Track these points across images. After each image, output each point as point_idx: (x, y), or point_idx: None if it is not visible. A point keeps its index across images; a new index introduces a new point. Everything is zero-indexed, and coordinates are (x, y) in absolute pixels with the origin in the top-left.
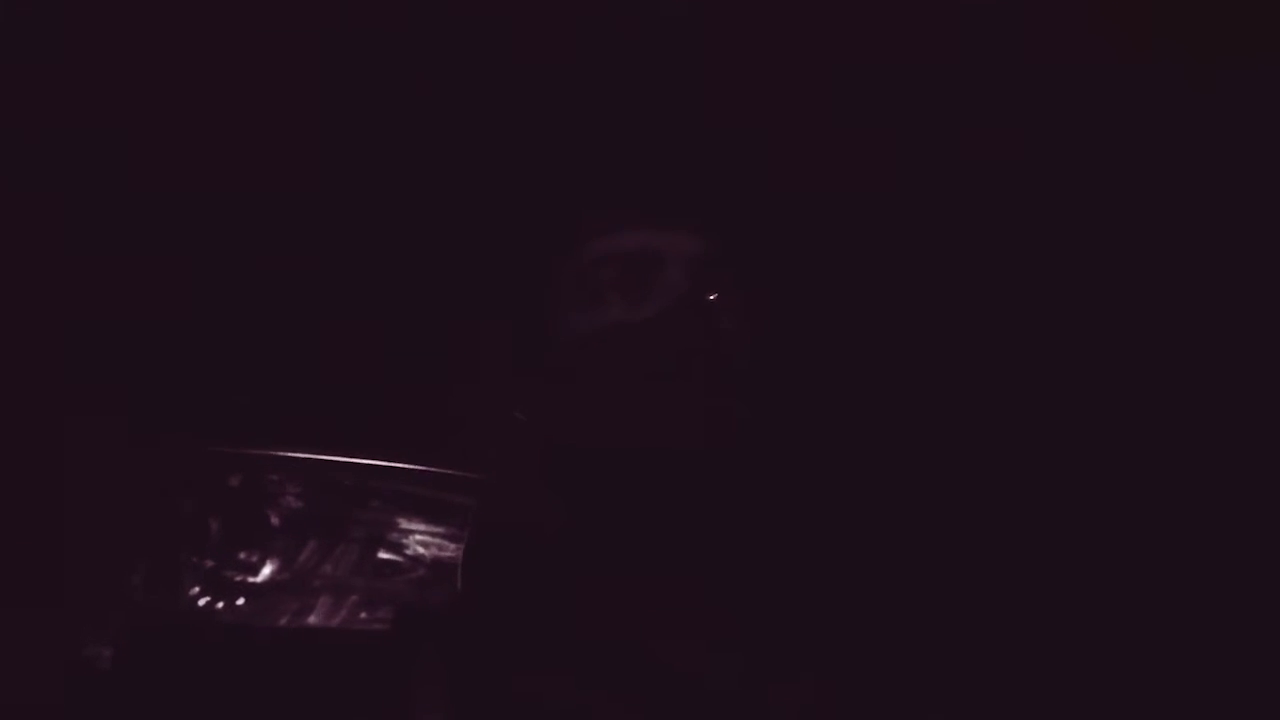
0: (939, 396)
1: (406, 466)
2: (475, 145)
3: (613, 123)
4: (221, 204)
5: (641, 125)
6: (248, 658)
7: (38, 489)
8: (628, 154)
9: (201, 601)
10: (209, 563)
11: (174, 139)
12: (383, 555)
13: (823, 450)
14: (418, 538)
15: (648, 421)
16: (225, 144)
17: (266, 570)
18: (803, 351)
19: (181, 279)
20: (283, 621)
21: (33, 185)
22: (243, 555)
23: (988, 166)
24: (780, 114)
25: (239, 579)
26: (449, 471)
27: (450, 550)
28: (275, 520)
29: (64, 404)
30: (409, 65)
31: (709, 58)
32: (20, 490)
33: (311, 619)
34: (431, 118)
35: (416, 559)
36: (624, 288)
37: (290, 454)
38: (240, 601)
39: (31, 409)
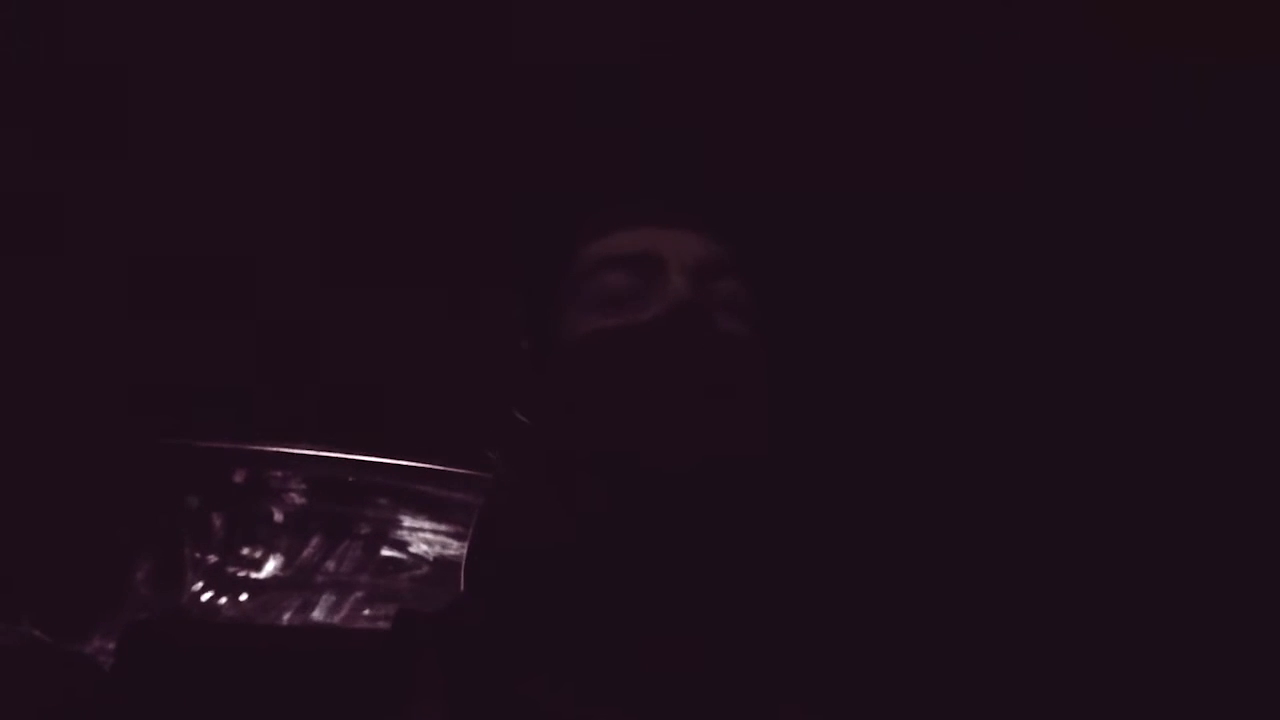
0: (945, 402)
1: (411, 463)
2: (478, 146)
3: (615, 123)
4: (223, 202)
5: (643, 125)
6: (250, 654)
7: (42, 485)
8: (630, 154)
9: (205, 597)
10: (213, 558)
11: (168, 136)
12: (386, 553)
13: (833, 457)
14: (422, 535)
15: (648, 428)
16: (232, 143)
17: (270, 566)
18: (808, 356)
19: (185, 277)
20: (285, 618)
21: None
22: (246, 551)
23: (987, 168)
24: (782, 115)
25: (242, 575)
26: (453, 469)
27: (454, 549)
28: (279, 516)
29: (67, 402)
30: (410, 67)
31: (709, 59)
32: (24, 486)
33: (314, 615)
34: (433, 116)
35: (420, 557)
36: (624, 291)
37: (294, 450)
38: (243, 597)
39: (35, 405)
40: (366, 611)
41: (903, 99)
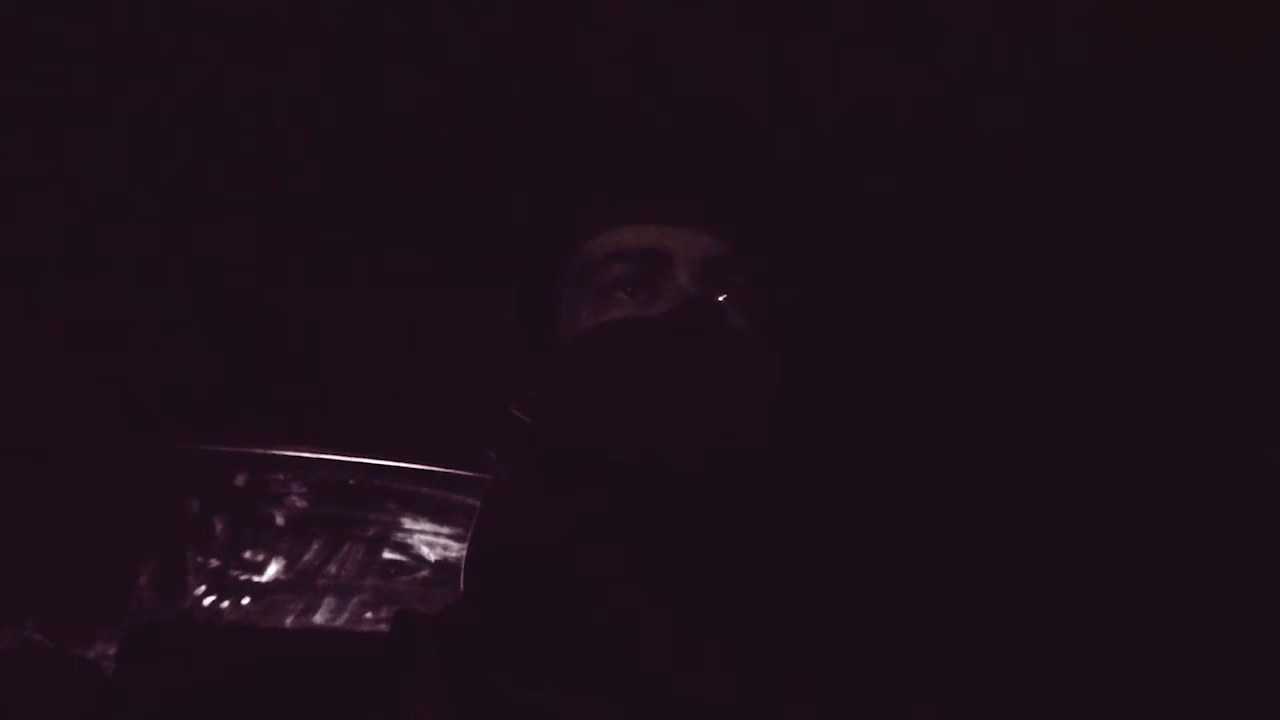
0: (949, 400)
1: (412, 466)
2: (478, 141)
3: (620, 117)
4: (220, 203)
5: (650, 120)
6: (253, 658)
7: (44, 489)
8: (634, 149)
9: (207, 601)
10: (214, 562)
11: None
12: (388, 555)
13: (835, 457)
14: (423, 537)
15: (652, 424)
16: (215, 141)
17: (272, 570)
18: (812, 355)
19: (182, 278)
20: (287, 621)
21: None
22: (248, 555)
23: (991, 168)
24: (787, 111)
25: (245, 578)
26: (455, 471)
27: (455, 550)
28: (280, 520)
29: (68, 405)
30: (410, 66)
31: (719, 55)
32: (26, 490)
33: (316, 619)
34: (436, 113)
35: (421, 559)
36: (631, 286)
37: (295, 453)
38: (246, 601)
39: (35, 409)
40: (369, 614)
41: (905, 98)
